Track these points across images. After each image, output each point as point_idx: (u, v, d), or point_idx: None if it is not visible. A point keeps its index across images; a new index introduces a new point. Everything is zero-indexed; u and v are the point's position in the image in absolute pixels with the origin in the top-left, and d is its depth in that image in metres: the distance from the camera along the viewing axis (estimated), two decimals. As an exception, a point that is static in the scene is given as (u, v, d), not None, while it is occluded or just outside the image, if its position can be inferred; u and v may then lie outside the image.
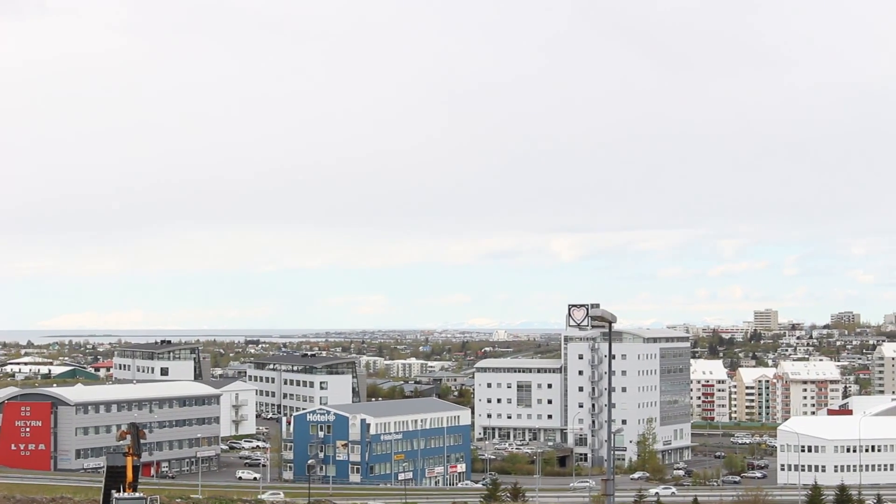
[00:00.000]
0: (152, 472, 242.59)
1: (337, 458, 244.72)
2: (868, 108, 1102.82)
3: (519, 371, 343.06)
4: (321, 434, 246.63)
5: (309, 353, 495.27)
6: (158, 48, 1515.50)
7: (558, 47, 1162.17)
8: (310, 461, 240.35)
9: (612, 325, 51.60)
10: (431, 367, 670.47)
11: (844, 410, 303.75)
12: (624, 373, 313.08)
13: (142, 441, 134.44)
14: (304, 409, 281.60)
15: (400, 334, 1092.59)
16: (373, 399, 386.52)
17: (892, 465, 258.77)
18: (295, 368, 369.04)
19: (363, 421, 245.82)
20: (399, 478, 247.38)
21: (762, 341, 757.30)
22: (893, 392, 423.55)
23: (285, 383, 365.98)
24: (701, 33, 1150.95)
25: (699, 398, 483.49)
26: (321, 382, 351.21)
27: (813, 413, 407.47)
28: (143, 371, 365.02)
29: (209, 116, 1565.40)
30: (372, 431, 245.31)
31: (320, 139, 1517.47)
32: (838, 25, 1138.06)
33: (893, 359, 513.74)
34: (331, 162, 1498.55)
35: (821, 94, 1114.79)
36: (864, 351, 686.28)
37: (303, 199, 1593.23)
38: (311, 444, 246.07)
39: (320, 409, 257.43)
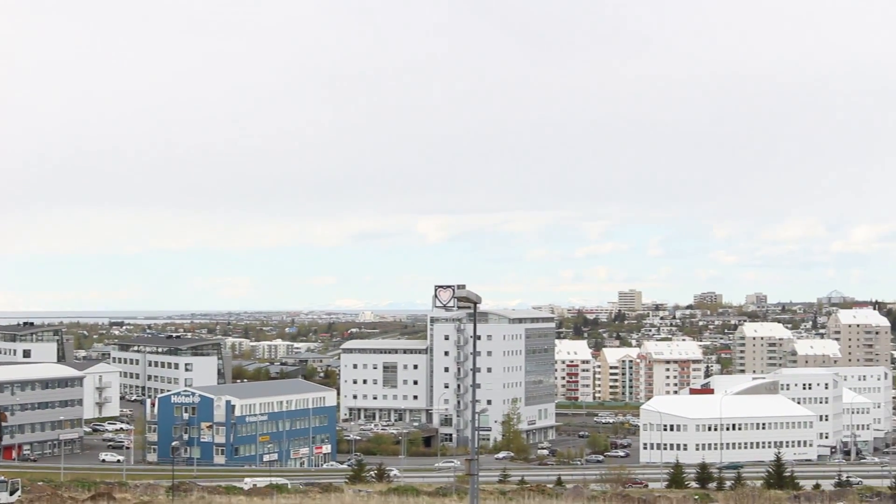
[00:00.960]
0: (14, 455, 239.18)
1: (202, 440, 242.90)
2: (730, 92, 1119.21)
3: (385, 352, 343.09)
4: (186, 416, 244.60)
5: (174, 334, 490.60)
6: (14, 26, 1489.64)
7: (437, 35, 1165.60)
8: (174, 443, 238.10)
9: (477, 305, 51.74)
10: (297, 348, 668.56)
11: (706, 390, 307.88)
12: (489, 353, 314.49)
13: (3, 424, 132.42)
14: (168, 391, 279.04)
15: (266, 316, 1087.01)
16: (238, 381, 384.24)
17: (752, 444, 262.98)
18: (159, 350, 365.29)
19: (228, 402, 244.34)
20: (264, 459, 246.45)
21: (626, 322, 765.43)
22: (754, 371, 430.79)
23: (150, 365, 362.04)
24: (578, 21, 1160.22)
25: (564, 378, 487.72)
26: (186, 364, 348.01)
27: (675, 392, 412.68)
28: (5, 353, 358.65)
29: (69, 96, 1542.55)
30: (237, 413, 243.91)
31: (187, 120, 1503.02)
32: (708, 12, 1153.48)
33: (754, 338, 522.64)
34: (198, 144, 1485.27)
35: (685, 78, 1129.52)
36: (726, 331, 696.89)
37: (168, 180, 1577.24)
38: (175, 426, 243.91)
39: (185, 391, 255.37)
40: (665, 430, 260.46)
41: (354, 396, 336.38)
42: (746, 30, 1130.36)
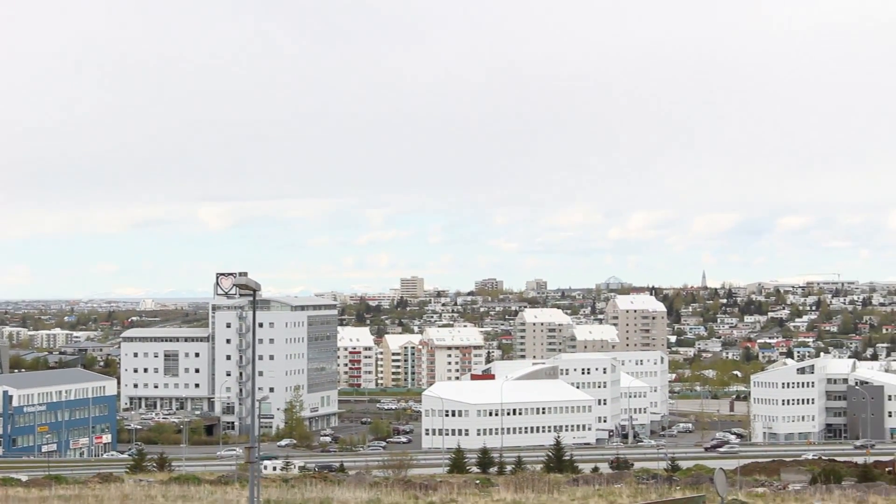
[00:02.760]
0: None
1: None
2: (508, 84, 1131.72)
3: (166, 340, 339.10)
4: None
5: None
6: None
7: (222, 21, 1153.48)
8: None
9: (259, 293, 51.40)
10: (77, 337, 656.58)
11: (487, 375, 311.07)
12: (272, 341, 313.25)
13: None
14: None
15: (44, 304, 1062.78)
16: (16, 370, 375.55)
17: (532, 428, 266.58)
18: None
19: (6, 393, 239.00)
20: (43, 450, 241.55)
21: (408, 308, 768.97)
22: (534, 357, 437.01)
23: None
24: (360, 13, 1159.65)
25: (346, 365, 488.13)
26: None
27: (457, 378, 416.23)
28: None
29: None
30: (14, 403, 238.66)
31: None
32: (485, 7, 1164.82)
33: (534, 324, 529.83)
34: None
35: (467, 66, 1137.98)
36: (507, 317, 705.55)
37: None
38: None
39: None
40: (447, 415, 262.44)
41: (135, 385, 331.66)
42: (519, 25, 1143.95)
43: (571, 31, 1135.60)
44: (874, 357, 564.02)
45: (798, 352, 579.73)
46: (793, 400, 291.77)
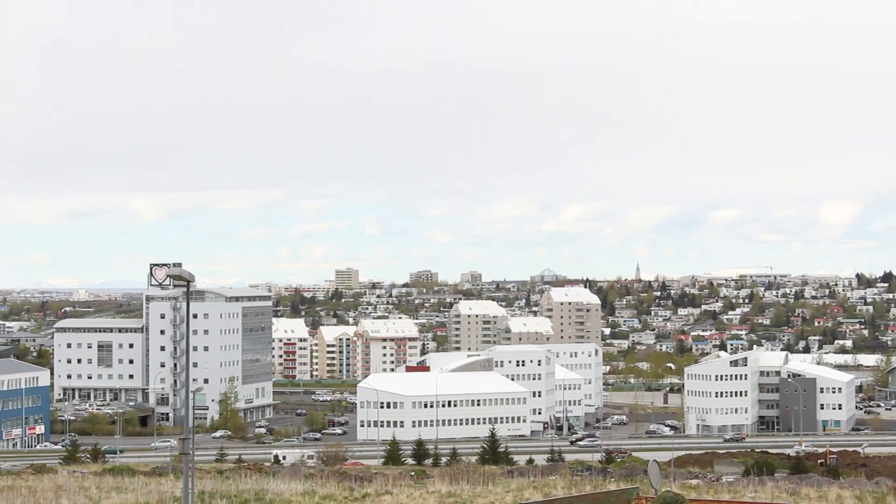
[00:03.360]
0: None
1: None
2: (443, 77, 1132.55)
3: (100, 331, 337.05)
4: None
5: None
6: None
7: (157, 10, 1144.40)
8: None
9: (193, 284, 51.18)
10: (9, 327, 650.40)
11: (422, 367, 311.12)
12: (206, 332, 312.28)
13: None
14: None
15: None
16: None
17: (467, 420, 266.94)
18: None
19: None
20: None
21: (343, 300, 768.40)
22: (469, 348, 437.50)
23: None
24: (297, 5, 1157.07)
25: (281, 356, 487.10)
26: None
27: (392, 370, 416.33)
28: None
29: None
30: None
31: None
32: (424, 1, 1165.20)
33: (469, 316, 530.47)
34: None
35: (403, 58, 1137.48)
36: (442, 309, 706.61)
37: None
38: None
39: None
40: (382, 407, 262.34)
41: (69, 376, 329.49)
42: (453, 16, 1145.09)
43: (505, 23, 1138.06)
44: (806, 350, 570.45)
45: (731, 344, 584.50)
46: (726, 392, 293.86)
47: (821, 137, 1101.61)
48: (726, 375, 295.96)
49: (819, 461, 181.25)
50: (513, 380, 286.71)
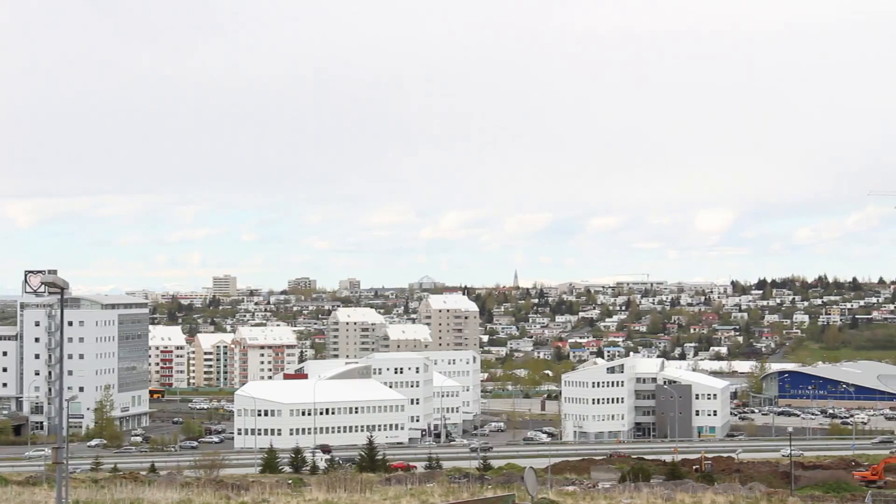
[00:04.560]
0: None
1: None
2: (323, 80, 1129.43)
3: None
4: None
5: None
6: None
7: (31, 10, 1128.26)
8: None
9: (68, 291, 50.56)
10: None
11: (300, 375, 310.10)
12: (81, 339, 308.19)
13: None
14: None
15: None
16: None
17: (345, 427, 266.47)
18: None
19: None
20: None
21: (221, 307, 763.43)
22: (348, 356, 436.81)
23: None
24: (171, 4, 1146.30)
25: (158, 364, 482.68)
26: None
27: (270, 378, 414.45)
28: None
29: None
30: None
31: None
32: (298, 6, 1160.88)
33: (347, 323, 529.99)
34: None
35: (280, 64, 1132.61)
36: (320, 316, 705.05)
37: None
38: None
39: None
40: (259, 415, 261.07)
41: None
42: (329, 21, 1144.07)
43: (384, 29, 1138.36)
44: (682, 356, 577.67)
45: (608, 351, 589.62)
46: (603, 399, 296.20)
47: (695, 146, 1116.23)
48: (603, 382, 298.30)
49: (694, 467, 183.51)
50: (391, 387, 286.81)
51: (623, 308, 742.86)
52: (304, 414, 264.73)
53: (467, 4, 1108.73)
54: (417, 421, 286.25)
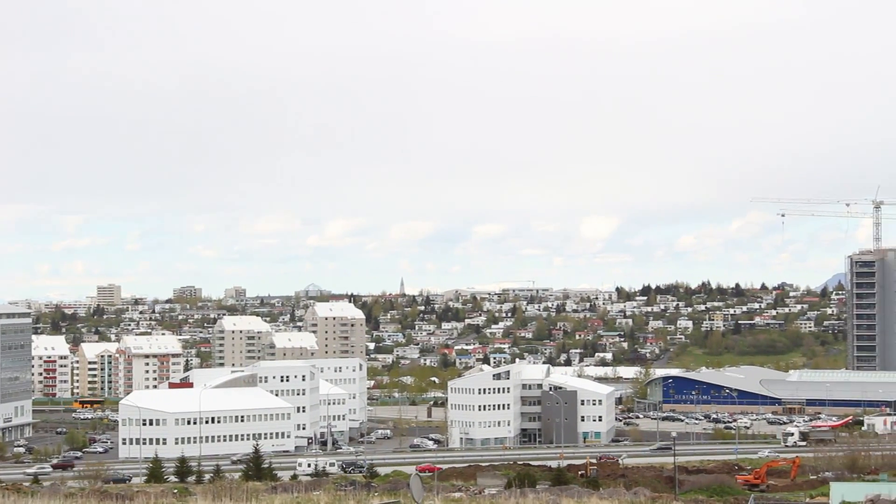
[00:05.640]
0: None
1: None
2: (205, 88, 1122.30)
3: None
4: None
5: None
6: None
7: None
8: None
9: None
10: None
11: (185, 384, 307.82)
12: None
13: None
14: None
15: None
16: None
17: (232, 436, 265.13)
18: None
19: None
20: None
21: (105, 316, 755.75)
22: (234, 364, 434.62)
23: None
24: (56, 10, 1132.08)
25: (41, 374, 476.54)
26: None
27: (155, 386, 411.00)
28: None
29: None
30: None
31: None
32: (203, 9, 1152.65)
33: (233, 332, 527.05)
34: None
35: (162, 71, 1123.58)
36: (206, 324, 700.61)
37: None
38: None
39: None
40: (145, 424, 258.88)
41: None
42: (220, 33, 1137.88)
43: (269, 38, 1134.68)
44: (568, 362, 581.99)
45: (494, 358, 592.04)
46: (489, 405, 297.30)
47: (580, 153, 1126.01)
48: (489, 389, 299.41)
49: (579, 472, 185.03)
50: (277, 395, 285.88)
51: (509, 315, 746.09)
52: (189, 423, 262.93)
53: (352, 12, 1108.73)
54: (304, 429, 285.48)
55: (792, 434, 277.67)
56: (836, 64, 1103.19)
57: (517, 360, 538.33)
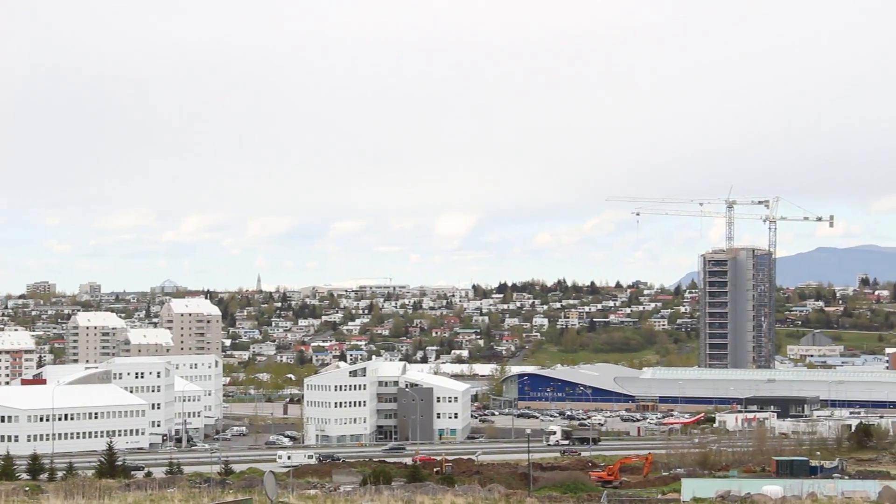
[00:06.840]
0: None
1: None
2: (57, 81, 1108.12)
3: None
4: None
5: None
6: None
7: None
8: None
9: None
10: None
11: (38, 380, 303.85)
12: None
13: None
14: None
15: None
16: None
17: (85, 433, 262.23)
18: None
19: None
20: None
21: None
22: (88, 361, 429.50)
23: None
24: None
25: None
26: None
27: (7, 383, 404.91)
28: None
29: None
30: None
31: None
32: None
33: (88, 328, 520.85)
34: None
35: (12, 63, 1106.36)
36: (60, 320, 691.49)
37: None
38: None
39: None
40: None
41: None
42: (77, 24, 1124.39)
43: (127, 30, 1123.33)
44: (424, 360, 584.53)
45: (351, 355, 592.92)
46: (345, 402, 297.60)
47: (437, 151, 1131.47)
48: (345, 386, 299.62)
49: (435, 469, 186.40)
50: (132, 392, 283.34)
51: (366, 312, 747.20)
52: (42, 420, 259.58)
53: (210, 8, 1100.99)
54: (158, 426, 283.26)
55: (554, 433, 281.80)
56: (694, 69, 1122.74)
57: (374, 357, 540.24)
